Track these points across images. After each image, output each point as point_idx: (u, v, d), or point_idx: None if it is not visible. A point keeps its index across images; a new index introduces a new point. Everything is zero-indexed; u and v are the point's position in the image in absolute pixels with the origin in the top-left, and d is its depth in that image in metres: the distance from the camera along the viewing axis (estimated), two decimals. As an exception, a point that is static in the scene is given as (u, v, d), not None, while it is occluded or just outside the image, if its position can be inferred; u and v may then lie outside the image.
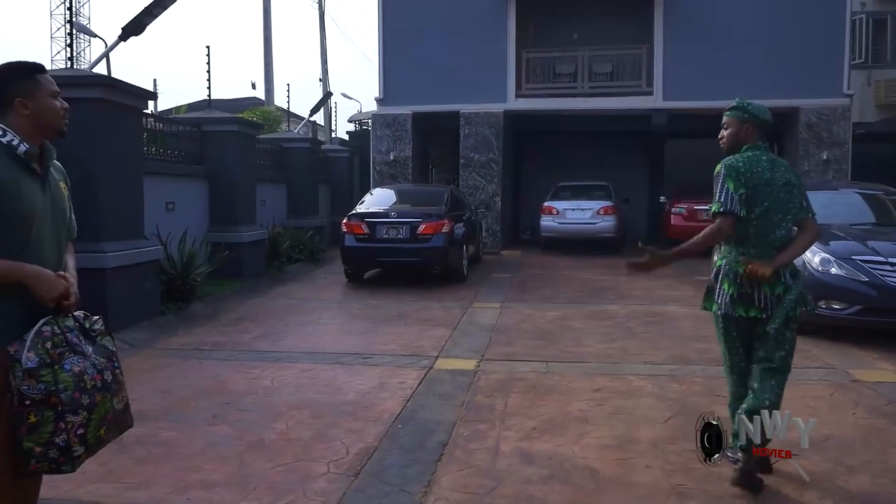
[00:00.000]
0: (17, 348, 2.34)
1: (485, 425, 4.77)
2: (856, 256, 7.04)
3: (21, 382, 2.33)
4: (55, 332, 2.41)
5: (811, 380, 5.86)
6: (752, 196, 3.65)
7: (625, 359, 6.59)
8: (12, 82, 2.50)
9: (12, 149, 2.43)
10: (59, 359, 2.38)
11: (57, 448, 2.37)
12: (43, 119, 2.52)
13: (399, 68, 16.67)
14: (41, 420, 2.35)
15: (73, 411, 2.37)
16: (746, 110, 3.81)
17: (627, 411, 5.05)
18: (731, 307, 3.72)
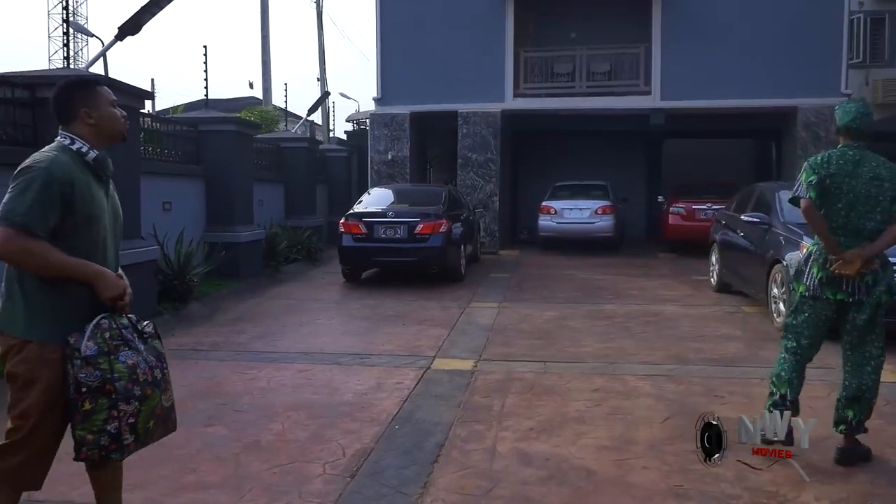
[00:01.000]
0: (77, 338, 2.54)
1: (482, 426, 4.75)
2: (854, 256, 7.01)
3: (79, 370, 2.52)
4: (112, 326, 2.61)
5: (810, 380, 5.77)
6: (835, 187, 3.96)
7: (623, 359, 6.57)
8: (76, 95, 2.71)
9: (82, 155, 2.65)
10: (115, 350, 2.58)
11: (108, 435, 2.56)
12: (105, 127, 2.74)
13: (397, 68, 16.64)
14: (95, 407, 2.54)
15: (125, 400, 2.56)
16: (838, 113, 4.16)
17: (625, 412, 5.03)
18: (820, 289, 4.03)
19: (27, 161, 2.55)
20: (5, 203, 2.47)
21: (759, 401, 5.24)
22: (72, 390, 2.54)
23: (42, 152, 2.60)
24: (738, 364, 6.35)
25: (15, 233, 2.44)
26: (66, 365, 2.53)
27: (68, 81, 2.74)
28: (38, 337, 2.55)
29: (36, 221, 2.46)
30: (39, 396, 2.55)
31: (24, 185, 2.48)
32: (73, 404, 2.55)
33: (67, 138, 2.67)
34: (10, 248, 2.45)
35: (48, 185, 2.49)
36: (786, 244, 7.78)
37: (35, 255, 2.48)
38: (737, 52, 15.22)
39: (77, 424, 2.56)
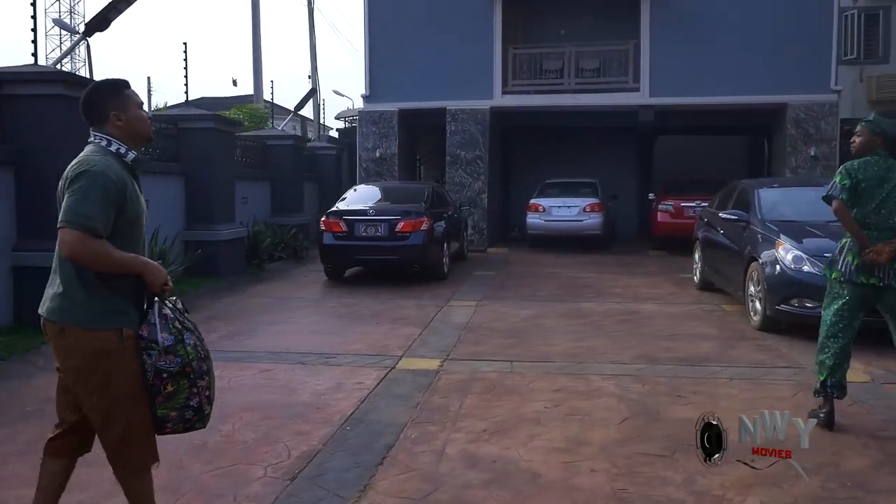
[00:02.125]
0: (149, 332, 2.72)
1: (435, 427, 4.67)
2: (829, 254, 6.87)
3: (158, 359, 2.72)
4: (173, 314, 2.80)
5: (777, 380, 5.77)
6: (868, 190, 4.52)
7: (591, 358, 6.48)
8: (107, 98, 2.84)
9: (121, 156, 2.80)
10: (181, 335, 2.78)
11: (192, 409, 2.81)
12: (134, 128, 2.87)
13: (385, 65, 16.55)
14: (178, 388, 2.76)
15: (200, 377, 2.80)
16: (880, 125, 4.67)
17: (584, 412, 4.94)
18: (854, 274, 4.52)
19: (81, 166, 2.67)
20: (71, 207, 2.60)
21: (723, 401, 5.19)
22: (151, 377, 2.72)
23: (91, 155, 2.73)
24: (708, 364, 6.25)
25: (83, 235, 2.58)
26: (142, 355, 2.71)
27: (98, 84, 2.90)
28: (111, 324, 2.70)
29: (100, 224, 2.61)
30: (126, 381, 2.72)
31: (86, 189, 2.62)
32: (155, 388, 2.74)
33: (104, 139, 2.81)
34: (82, 250, 2.60)
35: (107, 188, 2.64)
36: (763, 242, 7.69)
37: (101, 254, 2.63)
38: (726, 48, 15.10)
39: (159, 405, 2.76)
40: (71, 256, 2.63)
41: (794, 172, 14.95)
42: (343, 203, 11.71)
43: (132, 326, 2.72)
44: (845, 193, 4.54)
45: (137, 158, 2.87)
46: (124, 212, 2.69)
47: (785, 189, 9.14)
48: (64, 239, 2.61)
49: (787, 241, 7.29)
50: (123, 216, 2.70)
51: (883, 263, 4.45)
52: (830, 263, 4.75)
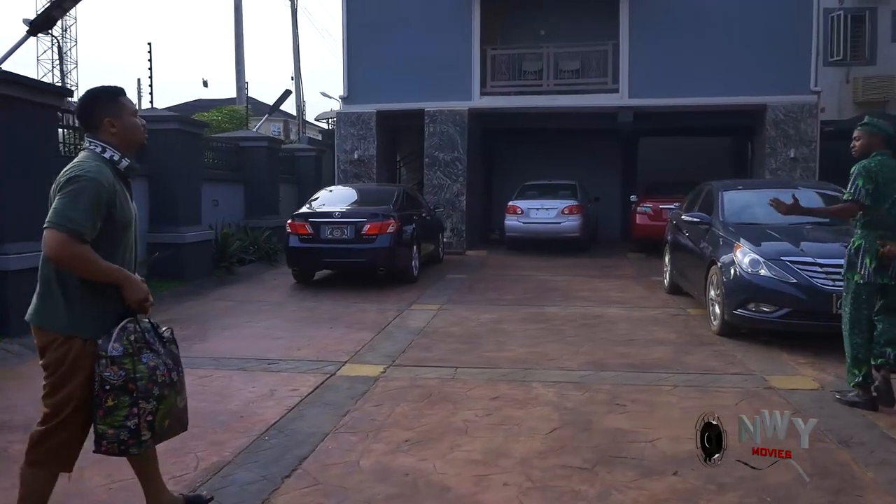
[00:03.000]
0: (104, 340, 2.75)
1: (357, 437, 4.51)
2: (785, 257, 6.77)
3: (104, 369, 2.74)
4: (136, 329, 2.82)
5: (724, 387, 5.60)
6: (883, 191, 4.73)
7: (540, 364, 6.33)
8: (101, 105, 2.90)
9: (114, 163, 2.85)
10: (138, 352, 2.77)
11: (128, 431, 2.78)
12: (129, 136, 2.93)
13: (363, 66, 16.41)
14: (117, 404, 2.75)
15: (145, 399, 2.78)
16: (878, 126, 4.94)
17: (515, 421, 4.78)
18: (874, 276, 4.79)
19: (74, 170, 2.72)
20: (59, 210, 2.64)
21: (660, 409, 5.03)
22: (97, 387, 2.76)
23: (85, 161, 2.78)
24: (657, 370, 6.09)
25: (69, 238, 2.62)
26: (95, 363, 2.75)
27: (92, 92, 2.96)
28: (81, 334, 2.76)
29: (86, 229, 2.65)
30: (79, 386, 2.77)
31: (76, 193, 2.66)
32: (97, 400, 2.77)
33: (98, 146, 2.86)
34: (66, 253, 2.64)
35: (98, 194, 2.69)
36: (723, 245, 7.54)
37: (83, 259, 2.66)
38: (705, 49, 14.97)
39: (99, 419, 2.78)
40: (53, 257, 2.67)
41: (773, 174, 14.80)
42: (311, 205, 11.55)
43: (97, 338, 2.76)
44: (869, 199, 4.78)
45: (131, 166, 2.93)
46: (113, 218, 2.76)
47: (751, 191, 8.97)
48: (48, 239, 2.64)
49: (746, 245, 7.13)
50: (112, 223, 2.76)
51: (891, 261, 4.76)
52: (849, 266, 4.96)
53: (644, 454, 4.18)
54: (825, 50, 21.38)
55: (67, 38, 45.65)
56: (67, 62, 46.12)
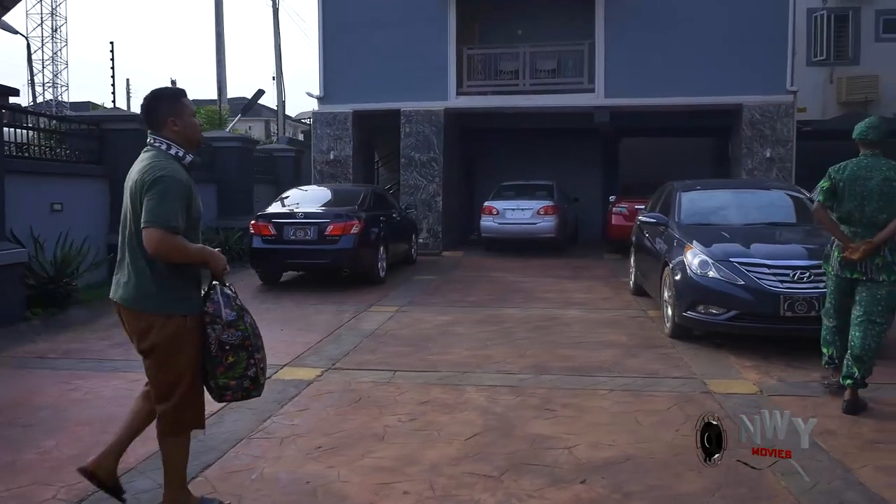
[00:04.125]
0: (214, 308, 3.11)
1: (270, 443, 4.41)
2: (733, 259, 6.66)
3: (221, 333, 3.10)
4: (233, 294, 3.20)
5: (660, 391, 5.50)
6: (849, 189, 4.90)
7: (481, 367, 6.22)
8: (164, 105, 3.18)
9: (180, 159, 3.15)
10: (241, 313, 3.16)
11: (249, 379, 3.19)
12: (189, 134, 3.22)
13: (340, 66, 16.30)
14: (237, 360, 3.14)
15: (257, 350, 3.21)
16: (854, 130, 5.13)
17: (437, 427, 4.68)
18: (840, 269, 5.01)
19: (156, 171, 3.00)
20: (152, 210, 2.94)
21: (589, 414, 4.93)
22: (214, 349, 3.10)
23: (160, 161, 3.07)
24: (598, 373, 5.99)
25: (166, 233, 2.93)
26: (208, 329, 3.10)
27: (157, 92, 3.23)
28: (180, 311, 3.08)
29: (178, 222, 2.97)
30: (190, 358, 3.12)
31: (163, 192, 2.96)
32: (217, 360, 3.12)
33: (163, 143, 3.15)
34: (165, 246, 2.95)
35: (180, 189, 3.02)
36: (676, 246, 7.43)
37: (180, 248, 2.99)
38: (681, 49, 14.86)
39: (220, 375, 3.14)
40: (155, 252, 2.96)
41: (750, 174, 14.69)
42: (275, 206, 11.45)
43: (195, 311, 3.11)
44: (822, 196, 5.04)
45: (194, 161, 3.25)
46: (190, 209, 3.08)
47: (710, 191, 8.86)
48: (149, 238, 2.93)
49: (697, 246, 7.02)
50: (189, 214, 3.08)
51: (857, 261, 4.85)
52: (825, 258, 5.24)
53: (558, 461, 4.08)
54: (808, 50, 21.33)
55: (58, 39, 45.62)
56: (58, 62, 46.10)
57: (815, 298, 6.25)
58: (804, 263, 6.45)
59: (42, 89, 42.61)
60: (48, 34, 44.04)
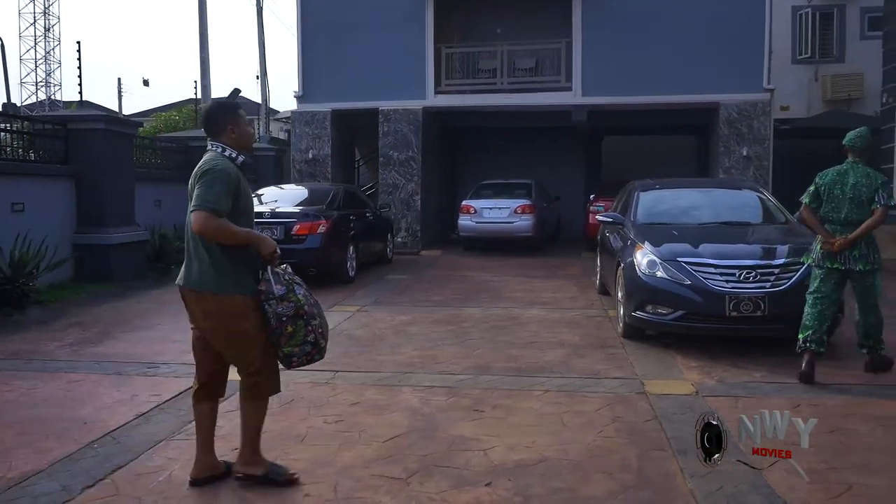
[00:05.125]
0: (266, 287, 3.48)
1: (189, 444, 4.34)
2: (681, 258, 6.63)
3: (277, 307, 3.47)
4: (283, 272, 3.55)
5: (595, 392, 5.47)
6: (827, 193, 5.60)
7: (424, 367, 6.20)
8: (226, 114, 3.68)
9: (233, 160, 3.57)
10: (291, 287, 3.52)
11: (310, 344, 3.58)
12: (242, 140, 3.67)
13: (318, 65, 16.29)
14: (296, 329, 3.51)
15: (312, 317, 3.56)
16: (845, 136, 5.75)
17: (361, 428, 4.65)
18: (822, 260, 5.63)
19: (207, 164, 3.45)
20: (200, 195, 3.34)
21: (517, 415, 4.91)
22: (273, 322, 3.47)
23: (213, 159, 3.50)
24: (539, 374, 5.97)
25: (209, 215, 3.32)
26: (265, 306, 3.46)
27: (219, 104, 3.88)
28: (236, 291, 3.47)
29: (222, 206, 3.36)
30: (253, 329, 3.51)
31: (210, 181, 3.37)
32: (277, 331, 3.49)
33: (219, 147, 3.59)
34: (209, 226, 3.33)
35: (226, 181, 3.41)
36: (629, 245, 7.40)
37: (223, 229, 3.36)
38: (658, 48, 14.83)
39: (284, 344, 3.52)
40: (200, 231, 3.35)
41: (727, 172, 14.67)
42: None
43: (251, 291, 3.48)
44: (808, 198, 5.71)
45: (245, 161, 3.68)
46: (238, 202, 3.46)
47: (669, 191, 8.82)
48: (195, 219, 3.34)
49: (647, 245, 6.99)
50: (238, 206, 3.45)
51: (836, 252, 5.51)
52: (806, 252, 5.86)
53: (470, 464, 4.05)
54: (793, 48, 21.26)
55: (51, 38, 45.58)
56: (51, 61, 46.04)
57: (760, 298, 6.24)
58: (751, 263, 6.44)
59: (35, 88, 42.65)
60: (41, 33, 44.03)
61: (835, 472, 3.86)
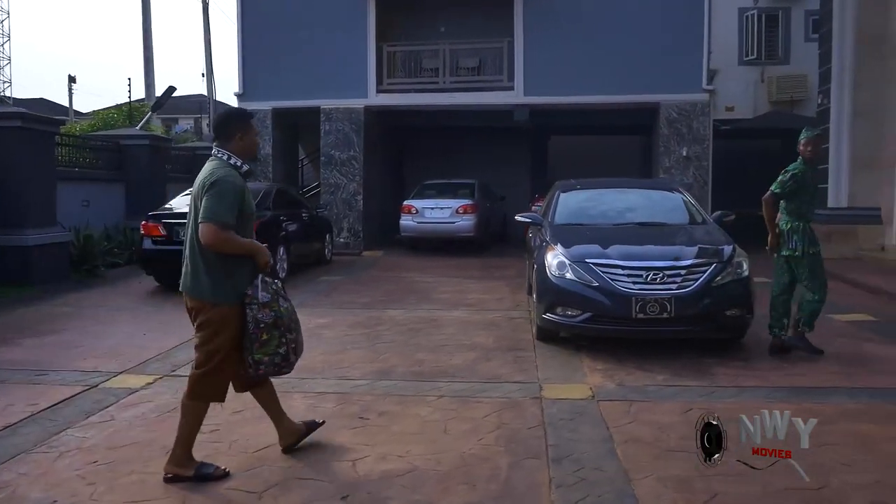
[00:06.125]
0: (253, 291, 3.66)
1: (47, 458, 4.18)
2: (589, 260, 6.55)
3: (258, 312, 3.64)
4: (272, 282, 3.76)
5: (490, 397, 5.36)
6: (801, 188, 6.13)
7: (324, 372, 6.04)
8: (237, 122, 3.83)
9: (237, 168, 3.73)
10: (276, 297, 3.71)
11: (280, 356, 3.74)
12: (248, 148, 3.84)
13: (259, 63, 16.04)
14: (270, 338, 3.66)
15: (289, 331, 3.74)
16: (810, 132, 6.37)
17: (235, 438, 4.48)
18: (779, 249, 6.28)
19: (214, 176, 3.61)
20: (210, 208, 3.52)
21: (401, 423, 4.77)
22: (251, 327, 3.64)
23: (219, 168, 3.66)
24: (440, 378, 5.84)
25: (217, 228, 3.51)
26: (246, 309, 3.63)
27: (231, 112, 4.03)
28: (226, 301, 3.64)
29: (230, 219, 3.55)
30: (228, 339, 3.67)
31: (219, 194, 3.54)
32: (253, 337, 3.66)
33: (224, 154, 3.75)
34: (217, 239, 3.52)
35: (234, 193, 3.59)
36: (543, 247, 7.29)
37: (230, 241, 3.57)
38: (599, 48, 14.83)
39: (256, 350, 3.67)
40: (208, 244, 3.53)
41: (667, 172, 14.71)
42: (171, 204, 11.15)
43: (240, 300, 3.63)
44: (779, 187, 6.18)
45: (250, 170, 3.85)
46: (242, 211, 3.62)
47: (589, 191, 8.74)
48: (204, 231, 3.52)
49: (558, 247, 6.90)
50: (241, 214, 3.62)
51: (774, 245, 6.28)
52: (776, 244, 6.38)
53: (335, 475, 3.92)
54: (740, 49, 21.42)
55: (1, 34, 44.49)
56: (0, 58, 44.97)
57: (666, 300, 6.18)
58: (658, 264, 6.38)
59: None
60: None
61: (702, 480, 3.77)
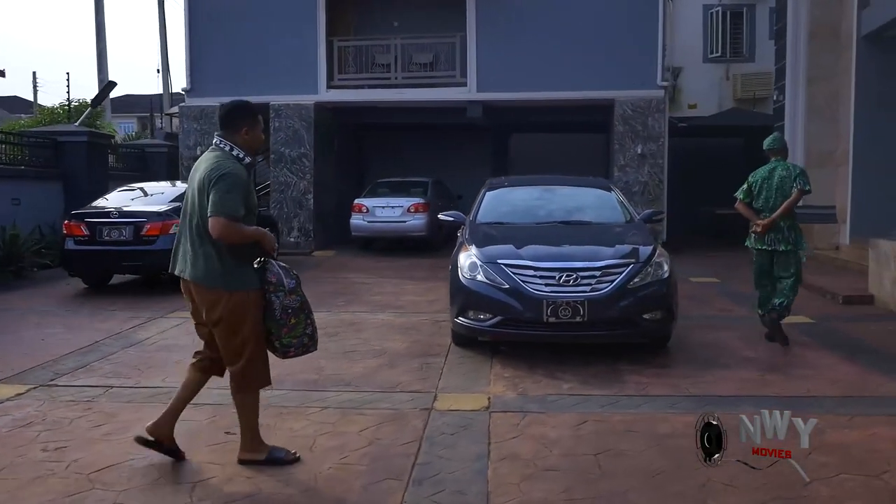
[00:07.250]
0: (276, 279, 3.70)
1: None
2: (501, 260, 6.21)
3: (284, 299, 3.70)
4: (288, 266, 3.81)
5: (376, 408, 5.02)
6: (758, 187, 6.62)
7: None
8: (244, 115, 3.86)
9: (240, 160, 3.75)
10: (299, 281, 3.81)
11: (307, 336, 3.84)
12: (254, 143, 3.88)
13: (207, 58, 15.61)
14: (298, 321, 3.76)
15: (311, 311, 3.86)
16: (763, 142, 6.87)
17: (75, 458, 4.10)
18: (754, 244, 6.70)
19: (221, 168, 3.62)
20: (218, 201, 3.52)
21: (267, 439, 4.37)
22: (279, 314, 3.68)
23: (224, 161, 3.68)
24: (334, 387, 5.51)
25: (229, 221, 3.52)
26: (272, 297, 3.66)
27: (240, 104, 3.95)
28: (242, 287, 3.64)
29: (240, 212, 3.57)
30: (252, 326, 3.68)
31: (227, 187, 3.56)
32: (282, 322, 3.70)
33: (227, 146, 3.77)
34: (228, 231, 3.53)
35: (242, 186, 3.64)
36: (461, 247, 6.94)
37: (239, 232, 3.58)
38: (553, 43, 14.53)
39: (284, 335, 3.73)
40: (219, 237, 3.53)
41: (622, 170, 14.44)
42: (98, 203, 10.72)
43: (256, 286, 3.66)
44: (741, 194, 6.75)
45: (252, 163, 3.87)
46: (247, 203, 3.65)
47: (516, 189, 8.41)
48: (215, 224, 3.51)
49: (472, 247, 6.56)
50: (246, 205, 3.63)
51: (762, 233, 6.51)
52: (747, 238, 6.83)
53: (172, 501, 3.54)
54: (705, 46, 21.25)
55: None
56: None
57: (579, 303, 5.85)
58: (572, 265, 6.05)
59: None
60: None
61: (567, 504, 3.44)
